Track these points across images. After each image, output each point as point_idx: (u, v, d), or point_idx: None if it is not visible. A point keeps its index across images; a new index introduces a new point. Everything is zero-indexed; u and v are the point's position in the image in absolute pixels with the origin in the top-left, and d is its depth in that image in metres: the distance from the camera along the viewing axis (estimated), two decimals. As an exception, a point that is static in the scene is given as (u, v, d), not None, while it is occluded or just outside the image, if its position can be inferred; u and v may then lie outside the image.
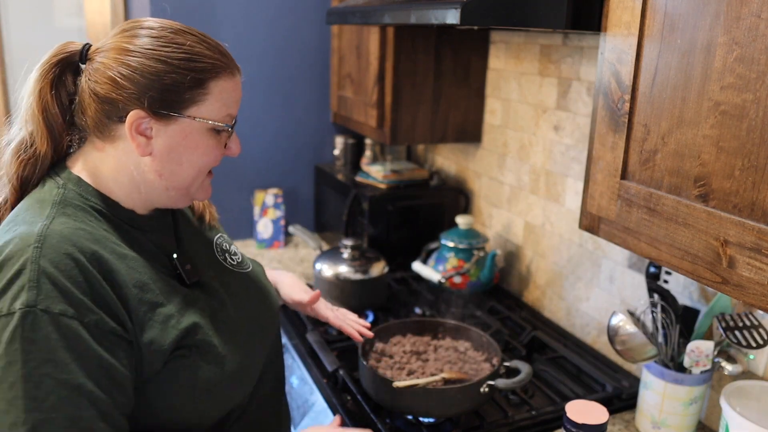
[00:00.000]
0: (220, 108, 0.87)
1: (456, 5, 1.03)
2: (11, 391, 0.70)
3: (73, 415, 0.72)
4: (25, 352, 0.70)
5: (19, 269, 0.73)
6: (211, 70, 0.85)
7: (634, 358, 1.16)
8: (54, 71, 0.84)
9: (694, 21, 0.82)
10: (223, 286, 0.96)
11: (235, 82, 0.89)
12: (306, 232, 1.92)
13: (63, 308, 0.73)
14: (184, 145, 0.86)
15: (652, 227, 0.91)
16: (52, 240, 0.76)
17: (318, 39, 2.25)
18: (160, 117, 0.83)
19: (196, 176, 0.89)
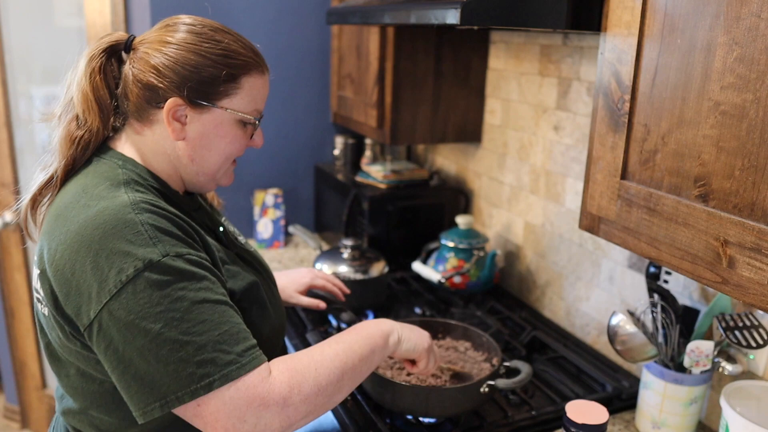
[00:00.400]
0: (249, 102, 0.96)
1: (456, 5, 1.03)
2: (184, 324, 0.78)
3: (235, 322, 0.83)
4: (180, 289, 0.80)
5: (135, 231, 0.81)
6: (244, 67, 0.93)
7: (634, 358, 1.16)
8: (102, 57, 0.93)
9: (694, 21, 0.82)
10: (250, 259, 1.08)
11: (264, 80, 0.97)
12: (306, 232, 1.92)
13: (186, 250, 0.84)
14: (215, 133, 0.95)
15: (652, 227, 0.91)
16: (143, 206, 0.85)
17: (318, 39, 2.25)
18: (195, 106, 0.92)
19: (222, 163, 0.99)
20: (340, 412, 1.26)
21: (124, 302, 0.78)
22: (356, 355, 0.93)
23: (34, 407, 2.81)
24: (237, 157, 1.02)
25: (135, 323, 0.78)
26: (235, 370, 0.79)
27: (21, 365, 2.75)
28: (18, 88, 2.44)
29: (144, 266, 0.79)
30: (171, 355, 0.77)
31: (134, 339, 0.78)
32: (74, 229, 0.83)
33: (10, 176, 2.49)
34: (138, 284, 0.78)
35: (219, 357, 0.79)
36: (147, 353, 0.78)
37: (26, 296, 2.62)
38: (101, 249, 0.80)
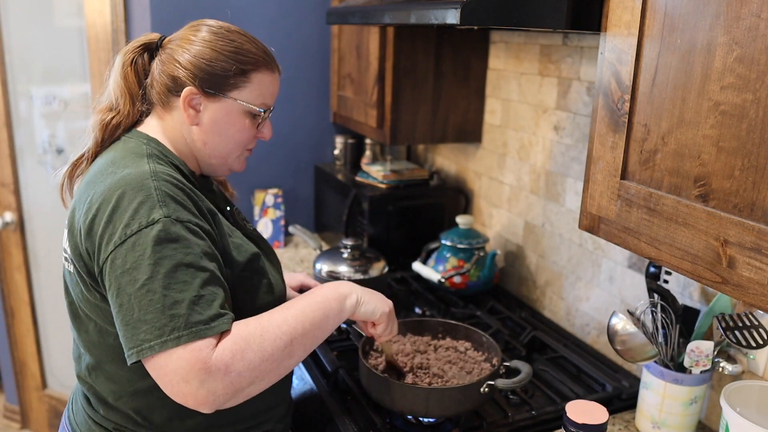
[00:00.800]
0: (257, 96, 1.07)
1: (456, 5, 1.03)
2: (166, 279, 0.87)
3: (213, 291, 0.90)
4: (172, 249, 0.89)
5: (147, 194, 0.92)
6: (253, 64, 1.06)
7: (634, 358, 1.16)
8: (135, 53, 1.09)
9: (694, 21, 0.82)
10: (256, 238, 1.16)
11: (273, 78, 1.09)
12: (306, 232, 1.92)
13: (189, 217, 0.93)
14: (225, 120, 1.06)
15: (652, 227, 0.91)
16: (162, 175, 0.96)
17: (318, 39, 2.25)
18: (208, 95, 1.04)
19: (232, 149, 1.09)
20: (341, 412, 1.26)
21: (125, 252, 0.89)
22: (308, 320, 0.97)
23: (34, 407, 2.81)
24: (247, 146, 1.12)
25: (129, 272, 0.88)
26: (202, 329, 0.87)
27: (21, 365, 2.75)
28: (18, 88, 2.44)
29: (147, 224, 0.89)
30: (151, 306, 0.86)
31: (126, 286, 0.88)
32: (101, 190, 0.95)
33: (10, 176, 2.49)
34: (139, 238, 0.89)
35: (191, 316, 0.87)
36: (135, 301, 0.87)
37: (26, 296, 2.62)
38: (118, 206, 0.91)
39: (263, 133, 1.13)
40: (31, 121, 2.47)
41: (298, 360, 0.96)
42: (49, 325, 2.67)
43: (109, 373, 1.01)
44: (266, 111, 1.10)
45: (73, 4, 2.30)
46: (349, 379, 1.34)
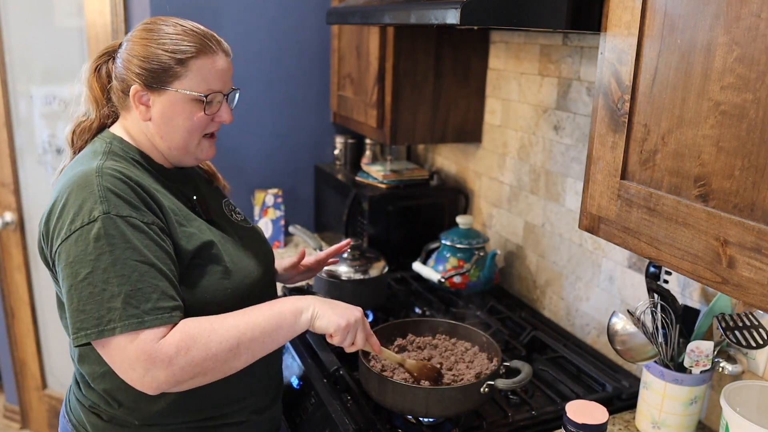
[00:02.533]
0: (200, 83, 1.08)
1: (456, 5, 1.03)
2: (105, 274, 0.93)
3: (153, 283, 0.96)
4: (110, 245, 0.94)
5: (90, 191, 0.97)
6: (190, 52, 1.07)
7: (634, 358, 1.16)
8: (99, 60, 1.15)
9: (694, 21, 0.82)
10: (227, 228, 1.20)
11: (213, 62, 1.09)
12: (306, 232, 1.92)
13: (129, 212, 0.98)
14: (172, 111, 1.08)
15: (652, 227, 0.91)
16: (108, 171, 1.00)
17: (318, 39, 2.25)
18: (153, 90, 1.07)
19: (187, 138, 1.11)
20: (340, 412, 1.26)
21: (69, 247, 0.95)
22: (258, 329, 1.01)
23: (34, 407, 2.80)
24: (206, 132, 1.12)
25: (71, 265, 0.95)
26: (135, 323, 0.93)
27: (21, 365, 2.75)
28: (18, 88, 2.43)
29: (88, 220, 0.95)
30: (90, 298, 0.93)
31: (69, 278, 0.95)
32: (56, 190, 1.02)
33: (10, 176, 2.49)
34: (81, 234, 0.95)
35: (126, 309, 0.93)
36: (75, 292, 0.94)
37: (26, 296, 2.62)
38: (65, 204, 0.98)
39: (221, 117, 1.13)
40: (31, 121, 2.47)
41: (245, 363, 1.01)
42: (49, 325, 2.67)
43: (85, 355, 1.09)
44: (209, 95, 1.09)
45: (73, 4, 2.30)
46: (349, 379, 1.34)
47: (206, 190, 1.26)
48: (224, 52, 1.13)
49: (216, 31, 1.14)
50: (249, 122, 2.23)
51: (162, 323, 0.95)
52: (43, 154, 2.48)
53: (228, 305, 1.06)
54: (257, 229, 1.31)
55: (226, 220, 1.23)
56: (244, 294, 1.12)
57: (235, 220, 1.25)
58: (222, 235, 1.15)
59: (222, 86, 1.12)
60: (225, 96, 1.13)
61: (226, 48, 1.13)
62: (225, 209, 1.26)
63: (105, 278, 0.94)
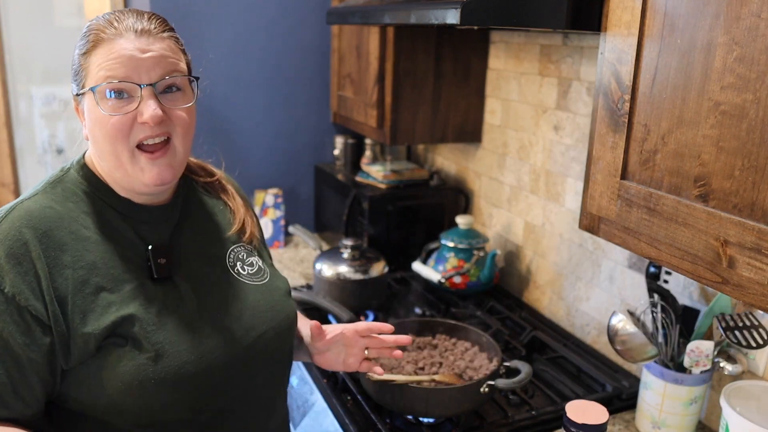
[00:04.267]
0: (98, 73, 0.86)
1: (456, 5, 1.03)
2: None
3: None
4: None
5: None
6: (93, 41, 0.87)
7: (634, 358, 1.16)
8: None
9: (694, 21, 0.82)
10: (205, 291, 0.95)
11: (111, 46, 0.85)
12: (306, 232, 1.92)
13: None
14: (90, 119, 0.88)
15: (652, 227, 0.91)
16: (15, 214, 0.84)
17: (318, 39, 2.25)
18: (79, 98, 0.90)
19: (112, 150, 0.87)
20: (341, 413, 1.26)
21: None
22: None
23: (34, 407, 2.80)
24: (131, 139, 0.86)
25: None
26: None
27: (21, 365, 2.75)
28: (18, 88, 2.44)
29: None
30: None
31: None
32: None
33: (10, 176, 2.49)
34: None
35: None
36: None
37: (26, 296, 2.62)
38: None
39: (142, 116, 0.85)
40: (31, 121, 2.47)
41: None
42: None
43: None
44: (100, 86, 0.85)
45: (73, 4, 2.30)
46: (349, 379, 1.34)
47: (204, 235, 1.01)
48: (138, 32, 0.86)
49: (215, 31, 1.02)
50: (249, 122, 2.23)
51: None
52: (43, 154, 2.49)
53: (156, 399, 0.85)
54: (274, 286, 1.04)
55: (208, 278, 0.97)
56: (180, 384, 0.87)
57: (236, 274, 1.00)
58: (170, 304, 0.90)
59: (130, 74, 0.85)
60: (151, 87, 0.86)
61: (145, 27, 0.87)
62: (228, 261, 1.01)
63: None
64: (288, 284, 1.09)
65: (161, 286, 0.91)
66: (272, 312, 1.00)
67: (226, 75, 2.14)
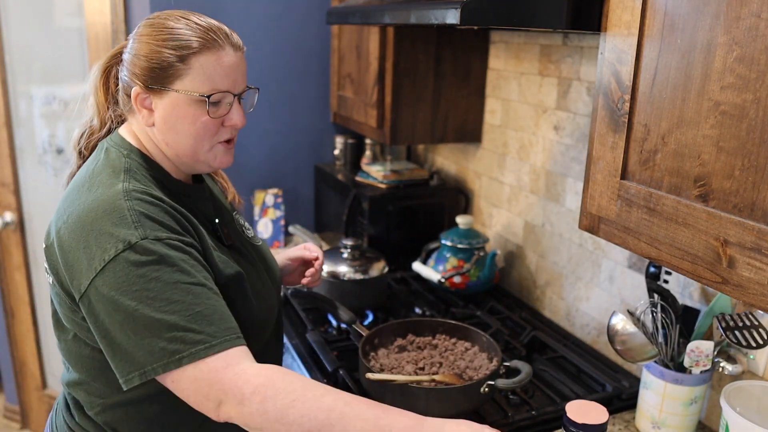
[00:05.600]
0: (204, 81, 0.96)
1: (456, 5, 1.03)
2: (156, 302, 0.85)
3: (211, 304, 0.88)
4: (155, 270, 0.86)
5: (121, 215, 0.89)
6: (191, 48, 0.95)
7: (634, 358, 1.16)
8: (108, 63, 1.06)
9: (694, 21, 0.82)
10: (249, 252, 1.12)
11: (217, 57, 0.97)
12: (306, 232, 1.92)
13: (167, 234, 0.90)
14: (175, 114, 0.98)
15: (652, 227, 0.91)
16: (135, 194, 0.92)
17: (318, 39, 2.25)
18: (154, 91, 0.97)
19: (194, 144, 1.00)
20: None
21: (107, 279, 0.86)
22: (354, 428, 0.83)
23: (34, 407, 2.80)
24: (216, 138, 1.01)
25: (115, 299, 0.85)
26: (203, 349, 0.84)
27: (21, 365, 2.75)
28: (18, 88, 2.43)
29: (124, 247, 0.86)
30: (145, 331, 0.84)
31: (114, 313, 0.85)
32: (75, 212, 0.92)
33: (10, 176, 2.49)
34: (118, 263, 0.86)
35: (188, 336, 0.84)
36: (125, 327, 0.85)
37: (26, 296, 2.62)
38: (92, 230, 0.88)
39: (232, 120, 1.01)
40: (31, 121, 2.47)
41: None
42: (49, 325, 2.66)
43: (84, 383, 1.00)
44: (213, 96, 0.97)
45: (73, 4, 2.30)
46: (349, 379, 1.34)
47: (223, 206, 1.16)
48: (233, 46, 1.00)
49: None
50: (249, 122, 2.22)
51: (231, 345, 0.86)
52: (43, 154, 2.48)
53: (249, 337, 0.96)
54: (266, 247, 1.23)
55: (243, 242, 1.13)
56: (263, 326, 1.07)
57: (246, 238, 1.16)
58: (246, 265, 1.07)
59: (231, 85, 0.99)
60: (237, 96, 1.01)
61: (236, 42, 1.01)
62: (237, 226, 1.16)
63: (158, 306, 0.84)
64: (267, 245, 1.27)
65: (232, 251, 1.07)
66: (275, 270, 1.19)
67: (226, 75, 2.14)
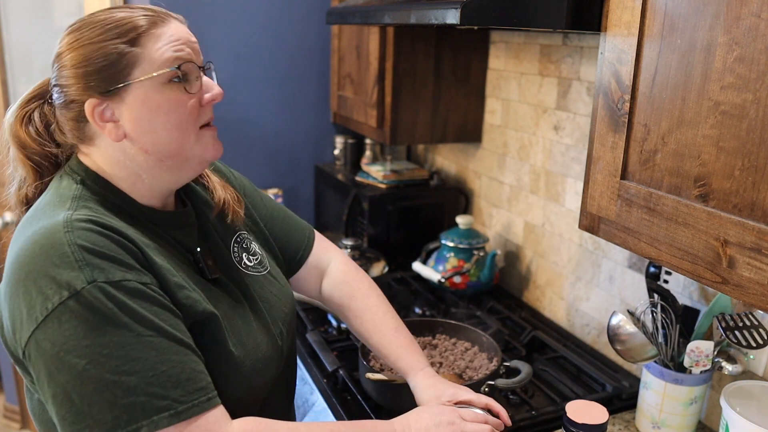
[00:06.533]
0: (163, 57, 0.83)
1: (456, 5, 1.03)
2: (111, 360, 0.71)
3: (178, 360, 0.75)
4: (108, 321, 0.72)
5: (61, 253, 0.74)
6: (140, 27, 0.82)
7: (634, 358, 1.16)
8: (27, 109, 0.89)
9: (694, 21, 0.82)
10: (238, 287, 0.97)
11: (169, 29, 0.84)
12: (306, 232, 1.92)
13: (122, 275, 0.75)
14: (147, 109, 0.83)
15: (652, 227, 0.91)
16: (78, 223, 0.77)
17: (318, 39, 2.25)
18: (112, 95, 0.82)
19: (180, 136, 0.86)
20: (340, 412, 1.26)
21: (49, 333, 0.72)
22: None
23: (34, 407, 2.80)
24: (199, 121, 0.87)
25: (60, 357, 0.72)
26: (167, 416, 0.72)
27: (21, 365, 2.75)
28: (18, 89, 2.44)
29: (69, 294, 0.72)
30: (96, 396, 0.71)
31: (59, 373, 0.72)
32: (15, 251, 0.78)
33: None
34: (63, 315, 0.72)
35: (150, 402, 0.72)
36: (71, 390, 0.72)
37: (26, 296, 2.62)
38: (30, 272, 0.74)
39: (211, 92, 0.88)
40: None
41: None
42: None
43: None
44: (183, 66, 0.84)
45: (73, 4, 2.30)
46: (349, 379, 1.34)
47: (213, 231, 1.00)
48: (177, 19, 0.88)
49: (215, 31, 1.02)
50: (249, 122, 2.23)
51: (201, 411, 0.75)
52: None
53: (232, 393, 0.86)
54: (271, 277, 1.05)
55: (233, 274, 0.98)
56: (251, 379, 0.91)
57: (244, 268, 1.01)
58: (230, 303, 0.92)
59: (191, 56, 0.86)
60: (201, 69, 0.87)
61: (178, 16, 0.88)
62: (233, 254, 1.01)
63: (113, 367, 0.71)
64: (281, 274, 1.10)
65: (218, 287, 0.92)
66: (283, 299, 1.04)
67: (225, 75, 2.14)
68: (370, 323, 1.14)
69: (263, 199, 1.19)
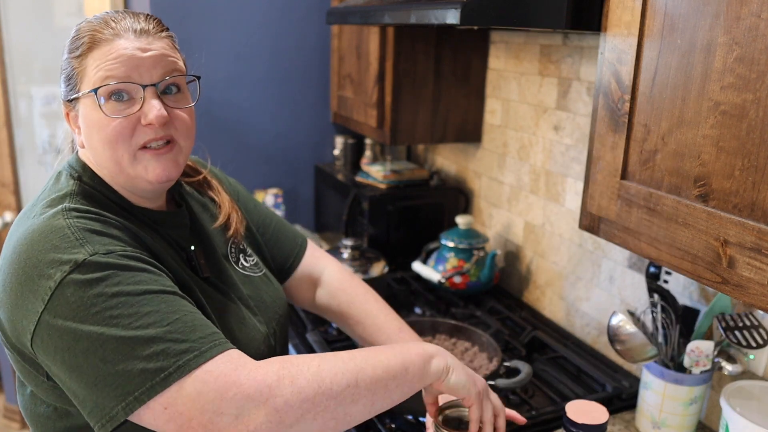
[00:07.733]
0: (97, 74, 0.83)
1: (456, 5, 1.03)
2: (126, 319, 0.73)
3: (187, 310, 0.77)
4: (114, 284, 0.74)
5: (61, 235, 0.76)
6: (87, 44, 0.84)
7: (634, 358, 1.16)
8: None
9: (694, 21, 0.82)
10: (232, 287, 0.99)
11: (111, 47, 0.83)
12: (306, 232, 1.92)
13: (121, 247, 0.78)
14: (86, 124, 0.86)
15: (652, 227, 0.91)
16: (75, 212, 0.80)
17: (318, 39, 2.25)
18: (73, 104, 0.87)
19: (111, 154, 0.85)
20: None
21: (58, 309, 0.73)
22: (381, 367, 0.79)
23: (34, 407, 2.80)
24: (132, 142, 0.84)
25: (72, 329, 0.72)
26: (193, 358, 0.72)
27: (21, 365, 2.75)
28: (18, 88, 2.44)
29: (70, 269, 0.74)
30: (118, 354, 0.71)
31: (77, 343, 0.72)
32: (12, 243, 0.80)
33: (10, 176, 2.49)
34: (67, 288, 0.73)
35: (171, 347, 0.72)
36: (92, 357, 0.72)
37: (26, 296, 2.62)
38: (30, 258, 0.75)
39: (146, 118, 0.83)
40: (31, 121, 2.48)
41: (362, 414, 0.78)
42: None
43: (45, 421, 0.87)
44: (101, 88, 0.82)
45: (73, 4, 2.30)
46: (349, 379, 1.34)
47: (208, 232, 1.02)
48: (138, 32, 0.84)
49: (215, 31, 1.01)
50: (249, 122, 2.23)
51: (225, 348, 0.75)
52: (43, 154, 2.49)
53: None
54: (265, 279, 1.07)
55: (226, 274, 0.99)
56: None
57: (238, 269, 1.03)
58: (222, 302, 0.94)
59: (129, 73, 0.83)
60: (152, 87, 0.84)
61: (145, 27, 0.85)
62: (230, 255, 1.04)
63: (127, 324, 0.72)
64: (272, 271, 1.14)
65: (207, 285, 0.94)
66: (278, 301, 1.06)
67: (225, 75, 2.14)
68: (373, 327, 1.14)
69: (257, 206, 1.20)
